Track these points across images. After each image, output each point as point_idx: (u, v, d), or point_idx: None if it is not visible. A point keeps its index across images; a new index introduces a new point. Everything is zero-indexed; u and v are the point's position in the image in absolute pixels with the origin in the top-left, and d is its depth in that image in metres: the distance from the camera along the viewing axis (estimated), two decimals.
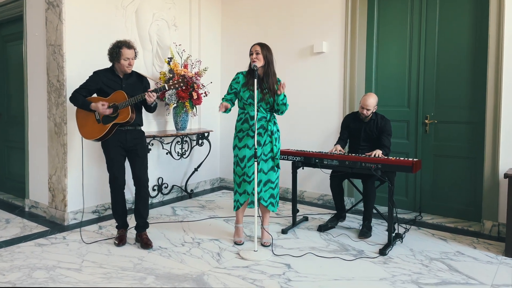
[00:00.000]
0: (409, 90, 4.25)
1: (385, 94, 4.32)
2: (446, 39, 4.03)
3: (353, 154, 3.49)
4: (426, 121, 4.13)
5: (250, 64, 3.21)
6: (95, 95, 3.28)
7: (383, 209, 4.10)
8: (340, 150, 3.62)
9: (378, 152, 3.41)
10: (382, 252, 3.11)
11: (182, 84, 3.22)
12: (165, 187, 4.76)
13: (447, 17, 4.01)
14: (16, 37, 4.63)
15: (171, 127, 4.81)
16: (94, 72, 3.27)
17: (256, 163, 3.04)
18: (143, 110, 3.36)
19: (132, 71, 3.32)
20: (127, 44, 3.17)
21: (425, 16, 4.12)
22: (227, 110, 3.21)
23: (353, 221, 3.98)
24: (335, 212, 3.89)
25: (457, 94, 3.98)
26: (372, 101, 3.60)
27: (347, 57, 4.44)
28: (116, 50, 3.15)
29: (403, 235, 3.48)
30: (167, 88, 3.18)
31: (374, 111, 3.66)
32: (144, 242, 3.21)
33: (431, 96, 4.13)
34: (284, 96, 3.18)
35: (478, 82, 3.84)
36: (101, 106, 3.11)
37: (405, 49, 4.25)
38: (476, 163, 3.89)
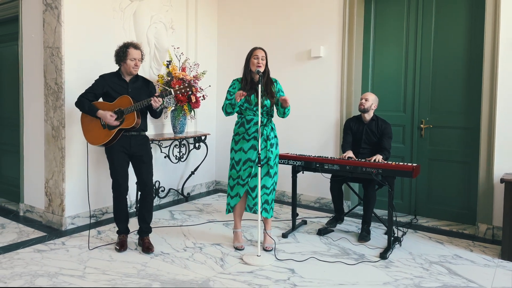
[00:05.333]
0: (405, 94, 4.32)
1: (382, 98, 4.35)
2: (441, 44, 4.10)
3: (356, 159, 3.54)
4: (422, 125, 4.21)
5: (246, 68, 3.27)
6: (101, 99, 3.27)
7: (379, 212, 4.16)
8: (350, 157, 3.60)
9: (379, 157, 3.48)
10: (383, 256, 3.17)
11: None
12: (162, 191, 4.74)
13: (443, 22, 4.09)
14: (10, 38, 4.54)
15: (168, 130, 4.79)
16: (100, 76, 3.27)
17: (259, 167, 3.06)
18: (148, 115, 3.35)
19: (138, 75, 3.33)
20: (134, 45, 3.23)
21: (421, 22, 4.19)
22: (238, 102, 3.18)
23: (351, 224, 4.02)
24: (333, 215, 3.94)
25: (452, 100, 4.06)
26: (370, 94, 3.79)
27: (344, 62, 4.49)
28: (123, 50, 3.18)
29: (401, 238, 3.53)
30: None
31: (373, 108, 3.77)
32: (146, 246, 3.20)
33: (427, 101, 4.20)
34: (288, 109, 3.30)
35: (473, 88, 3.92)
36: (109, 117, 3.12)
37: (401, 54, 4.32)
38: (471, 167, 3.97)
